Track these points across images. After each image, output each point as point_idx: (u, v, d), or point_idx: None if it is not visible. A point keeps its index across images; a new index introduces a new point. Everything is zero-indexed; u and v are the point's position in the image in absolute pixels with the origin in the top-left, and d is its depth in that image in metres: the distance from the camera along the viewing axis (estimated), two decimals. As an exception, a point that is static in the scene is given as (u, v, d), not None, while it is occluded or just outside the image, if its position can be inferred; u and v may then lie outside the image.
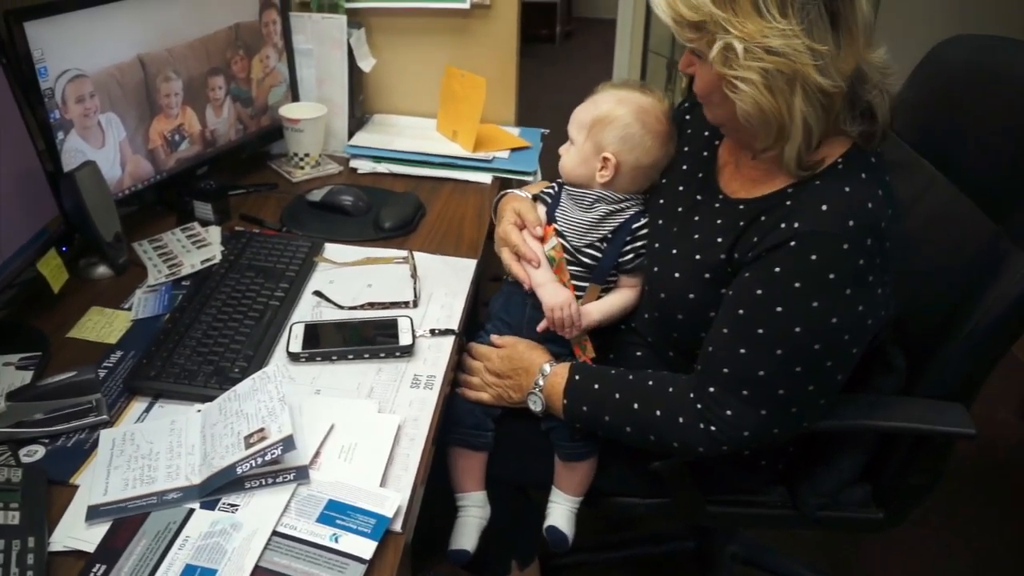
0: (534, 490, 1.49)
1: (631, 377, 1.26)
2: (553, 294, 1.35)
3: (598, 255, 1.37)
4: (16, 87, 1.30)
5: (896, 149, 1.53)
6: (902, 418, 1.28)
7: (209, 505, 0.99)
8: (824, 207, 1.10)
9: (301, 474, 1.02)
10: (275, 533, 0.96)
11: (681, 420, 1.19)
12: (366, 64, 1.94)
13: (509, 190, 1.54)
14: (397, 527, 0.99)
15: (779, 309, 1.11)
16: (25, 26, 1.30)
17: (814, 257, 1.09)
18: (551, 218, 1.42)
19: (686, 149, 1.38)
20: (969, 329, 1.25)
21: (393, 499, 1.00)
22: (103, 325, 1.34)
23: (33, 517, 0.96)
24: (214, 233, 1.58)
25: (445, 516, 1.42)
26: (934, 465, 1.37)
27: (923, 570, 2.03)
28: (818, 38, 1.04)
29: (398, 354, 1.27)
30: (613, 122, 1.35)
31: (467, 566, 1.51)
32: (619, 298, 1.39)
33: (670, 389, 1.22)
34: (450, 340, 1.33)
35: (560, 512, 1.41)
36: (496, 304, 1.47)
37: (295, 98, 1.90)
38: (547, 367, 1.31)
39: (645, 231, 1.37)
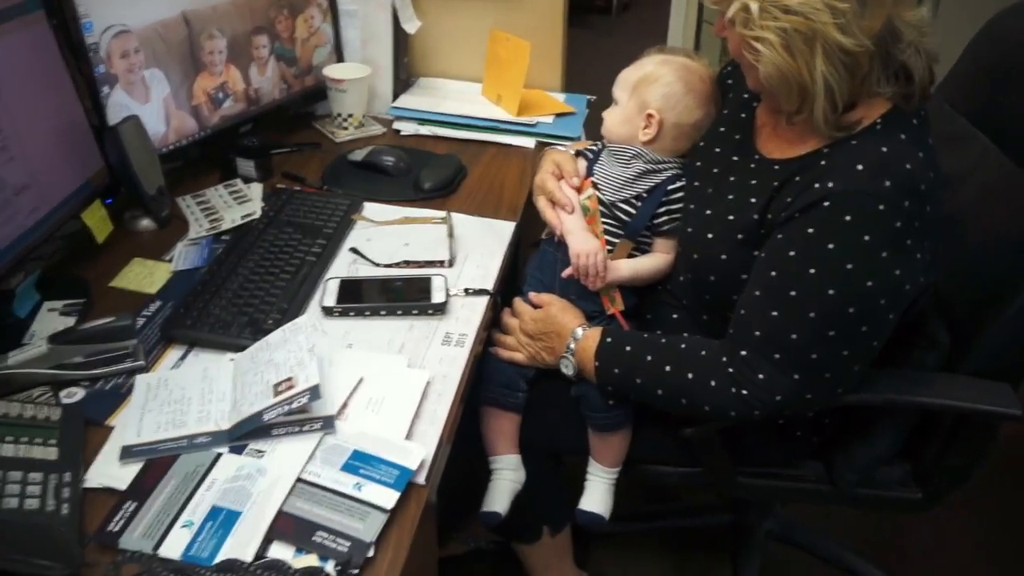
0: (568, 456, 1.49)
1: (663, 340, 1.25)
2: (582, 241, 1.34)
3: (632, 211, 1.37)
4: (62, 42, 1.32)
5: (951, 122, 1.49)
6: (943, 395, 1.25)
7: (237, 450, 1.01)
8: (860, 167, 1.07)
9: (327, 424, 1.03)
10: (299, 480, 0.97)
11: (713, 383, 1.18)
12: (411, 26, 1.93)
13: (552, 147, 1.54)
14: (420, 480, 1.00)
15: (812, 271, 1.09)
16: (71, -20, 1.32)
17: (848, 218, 1.06)
18: (590, 172, 1.43)
19: (725, 112, 1.36)
20: (1019, 306, 1.22)
21: (418, 452, 1.01)
22: (144, 275, 1.37)
23: (70, 454, 0.99)
24: (256, 189, 1.60)
25: (482, 478, 1.43)
26: (976, 447, 1.34)
27: (963, 555, 1.99)
28: None
29: (430, 312, 1.27)
30: (657, 80, 1.36)
31: (498, 529, 1.52)
32: (650, 261, 1.37)
33: (702, 352, 1.20)
34: (484, 300, 1.33)
35: (596, 489, 1.41)
36: (532, 263, 1.48)
37: (339, 59, 1.91)
38: (579, 331, 1.30)
39: (680, 194, 1.36)
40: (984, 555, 2.00)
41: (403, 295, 1.30)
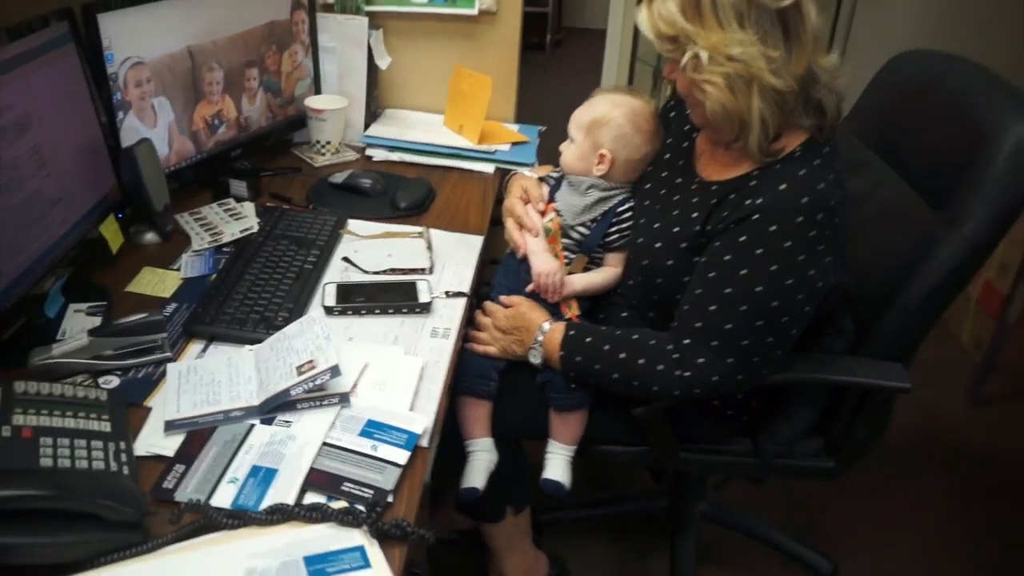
0: (530, 441, 1.67)
1: (618, 332, 1.46)
2: (544, 262, 1.55)
3: (587, 232, 1.58)
4: (87, 71, 1.49)
5: (856, 149, 1.75)
6: (849, 373, 1.49)
7: (267, 421, 1.19)
8: (783, 186, 1.31)
9: (344, 399, 1.22)
10: (324, 444, 1.15)
11: (660, 367, 1.39)
12: (383, 62, 2.14)
13: (518, 171, 1.75)
14: (424, 443, 1.19)
15: (743, 272, 1.32)
16: (98, 17, 1.49)
17: (773, 228, 1.30)
18: (552, 197, 1.63)
19: (670, 141, 1.59)
20: (906, 298, 1.47)
21: (420, 420, 1.20)
22: (156, 282, 1.53)
23: (120, 427, 1.15)
24: (248, 208, 1.77)
25: (451, 476, 1.60)
26: (877, 419, 1.58)
27: (876, 531, 2.25)
28: (771, 45, 1.26)
29: (418, 310, 1.47)
30: (608, 123, 1.56)
31: (469, 511, 1.71)
32: (600, 275, 1.59)
33: (651, 342, 1.42)
34: (462, 300, 1.53)
35: (556, 462, 1.59)
36: (498, 273, 1.67)
37: (318, 91, 2.10)
38: (546, 325, 1.51)
39: (629, 214, 1.58)
40: (892, 531, 2.26)
41: (393, 296, 1.49)
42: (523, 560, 1.83)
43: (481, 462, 1.57)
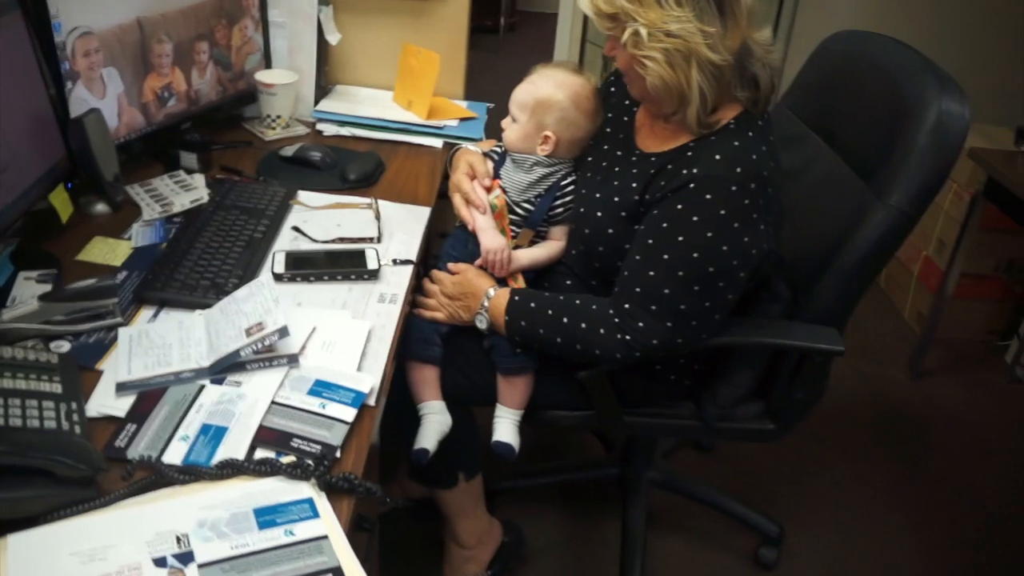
0: (479, 407, 1.72)
1: (561, 298, 1.51)
2: (491, 239, 1.58)
3: (531, 207, 1.62)
4: (35, 39, 1.49)
5: (791, 124, 1.82)
6: (784, 336, 1.56)
7: (217, 382, 1.21)
8: (717, 156, 1.36)
9: (292, 360, 1.25)
10: (274, 403, 1.18)
11: (602, 331, 1.44)
12: (333, 38, 2.16)
13: (463, 144, 1.78)
14: (371, 401, 1.22)
15: (680, 239, 1.37)
16: (46, -14, 1.49)
17: (708, 196, 1.35)
18: (496, 174, 1.66)
19: (610, 115, 1.63)
20: (838, 265, 1.53)
21: (367, 380, 1.24)
22: (107, 251, 1.54)
23: (72, 389, 1.16)
24: (199, 180, 1.78)
25: (404, 446, 1.64)
26: (814, 381, 1.65)
27: (821, 508, 2.33)
28: (707, 22, 1.31)
29: (366, 276, 1.50)
30: (552, 106, 1.59)
31: (421, 476, 1.75)
32: (545, 250, 1.63)
33: (593, 307, 1.47)
34: (409, 268, 1.56)
35: (505, 426, 1.63)
36: (446, 244, 1.71)
37: (268, 66, 2.11)
38: (491, 291, 1.55)
39: (571, 188, 1.62)
40: (835, 495, 2.35)
41: (341, 263, 1.52)
42: (477, 525, 1.88)
43: (433, 424, 1.60)
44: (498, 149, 1.70)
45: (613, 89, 1.67)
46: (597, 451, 2.38)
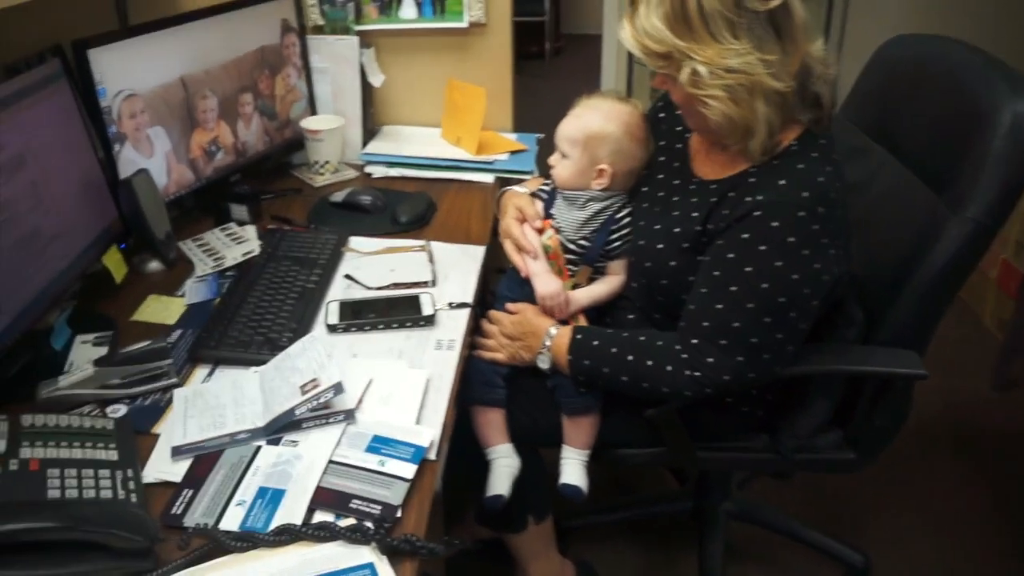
0: (545, 448, 1.66)
1: (625, 334, 1.45)
2: (546, 284, 1.53)
3: (588, 244, 1.57)
4: (81, 105, 1.50)
5: (853, 136, 1.74)
6: (862, 362, 1.47)
7: (273, 442, 1.18)
8: (782, 182, 1.29)
9: (349, 415, 1.22)
10: (331, 461, 1.15)
11: (669, 368, 1.38)
12: (376, 80, 2.14)
13: (509, 187, 1.74)
14: (432, 455, 1.18)
15: (748, 269, 1.31)
16: (89, 53, 1.50)
17: (775, 224, 1.28)
18: (547, 213, 1.61)
19: (662, 143, 1.57)
20: (914, 284, 1.45)
21: (427, 433, 1.20)
22: (161, 309, 1.54)
23: (128, 455, 1.15)
24: (250, 231, 1.78)
25: (469, 489, 1.61)
26: (896, 407, 1.56)
27: (902, 523, 2.22)
28: (767, 50, 1.24)
29: (422, 323, 1.46)
30: (606, 138, 1.53)
31: (490, 522, 1.70)
32: (605, 286, 1.57)
33: (659, 343, 1.41)
34: (466, 311, 1.52)
35: (572, 467, 1.58)
36: (502, 285, 1.66)
37: (313, 112, 2.11)
38: (553, 330, 1.50)
39: (628, 220, 1.56)
40: (921, 521, 2.23)
41: (396, 311, 1.48)
42: (549, 568, 1.82)
43: (504, 468, 1.56)
44: (546, 187, 1.65)
45: (662, 115, 1.62)
46: (670, 484, 2.30)
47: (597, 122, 1.54)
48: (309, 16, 2.09)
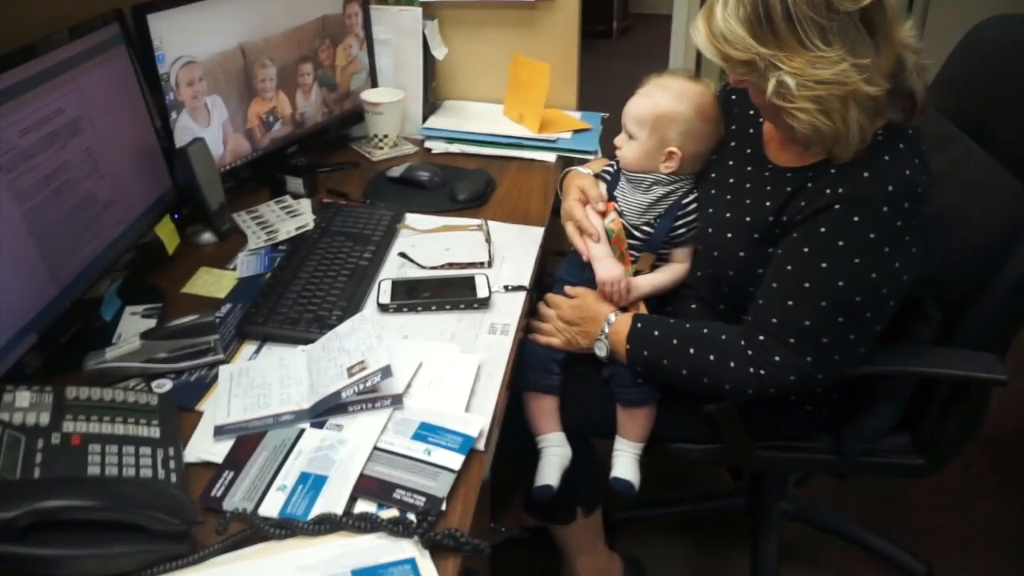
0: (598, 439, 1.61)
1: (688, 325, 1.39)
2: (607, 269, 1.47)
3: (651, 230, 1.50)
4: (139, 72, 1.47)
5: (936, 123, 1.64)
6: (937, 364, 1.39)
7: (318, 425, 1.15)
8: (866, 174, 1.21)
9: (396, 401, 1.17)
10: (376, 448, 1.11)
11: (733, 364, 1.31)
12: (439, 53, 2.09)
13: (573, 167, 1.67)
14: (480, 446, 1.13)
15: (824, 265, 1.23)
16: (148, 18, 1.48)
17: (856, 219, 1.20)
18: (611, 195, 1.55)
19: (733, 127, 1.50)
20: (998, 283, 1.36)
21: (476, 422, 1.15)
22: (212, 282, 1.51)
23: (170, 433, 1.13)
24: (305, 205, 1.75)
25: (518, 475, 1.57)
26: (970, 413, 1.47)
27: (966, 528, 2.12)
28: (861, 53, 1.14)
29: (476, 306, 1.42)
30: (676, 119, 1.46)
31: (538, 513, 1.65)
32: (667, 275, 1.51)
33: (723, 336, 1.34)
34: (522, 295, 1.47)
35: (624, 460, 1.52)
36: (561, 269, 1.61)
37: (374, 84, 2.07)
38: (612, 317, 1.44)
39: (694, 206, 1.49)
40: (989, 531, 2.12)
41: (450, 292, 1.44)
42: (596, 561, 1.77)
43: (554, 457, 1.51)
44: (610, 169, 1.59)
45: (734, 97, 1.53)
46: (724, 479, 2.23)
47: (667, 102, 1.46)
48: (372, -15, 2.04)
